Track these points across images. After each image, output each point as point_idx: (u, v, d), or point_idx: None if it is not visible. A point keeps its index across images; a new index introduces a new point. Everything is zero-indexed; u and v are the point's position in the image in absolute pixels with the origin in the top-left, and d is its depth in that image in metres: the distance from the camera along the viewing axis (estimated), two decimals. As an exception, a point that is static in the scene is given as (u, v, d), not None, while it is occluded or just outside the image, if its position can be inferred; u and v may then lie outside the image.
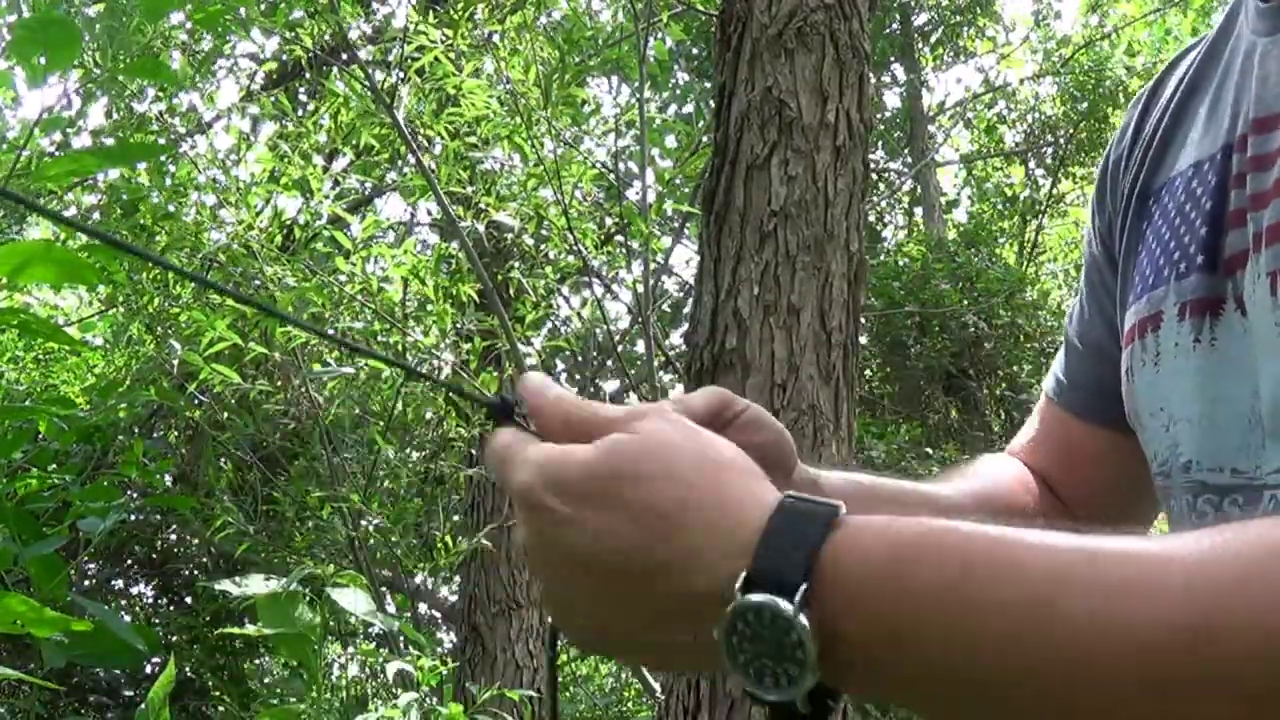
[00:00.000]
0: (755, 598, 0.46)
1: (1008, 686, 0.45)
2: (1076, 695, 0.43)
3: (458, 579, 6.25)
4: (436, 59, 4.26)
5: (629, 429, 0.54)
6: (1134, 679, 0.42)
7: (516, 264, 5.18)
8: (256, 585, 2.31)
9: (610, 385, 7.33)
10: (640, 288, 4.14)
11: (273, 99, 5.42)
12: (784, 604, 0.46)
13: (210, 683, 6.36)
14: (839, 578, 0.47)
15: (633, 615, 0.51)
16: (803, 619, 0.46)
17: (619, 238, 5.38)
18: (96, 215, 6.56)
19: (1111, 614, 0.42)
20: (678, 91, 10.01)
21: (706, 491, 0.50)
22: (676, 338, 7.72)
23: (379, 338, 4.82)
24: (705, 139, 4.55)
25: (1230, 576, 0.42)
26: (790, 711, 0.48)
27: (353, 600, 2.38)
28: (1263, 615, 0.40)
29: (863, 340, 7.32)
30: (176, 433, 6.07)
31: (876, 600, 0.46)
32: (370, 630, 5.65)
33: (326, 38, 4.81)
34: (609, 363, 6.50)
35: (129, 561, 6.74)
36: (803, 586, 0.46)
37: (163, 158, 5.42)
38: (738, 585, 0.47)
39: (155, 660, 5.50)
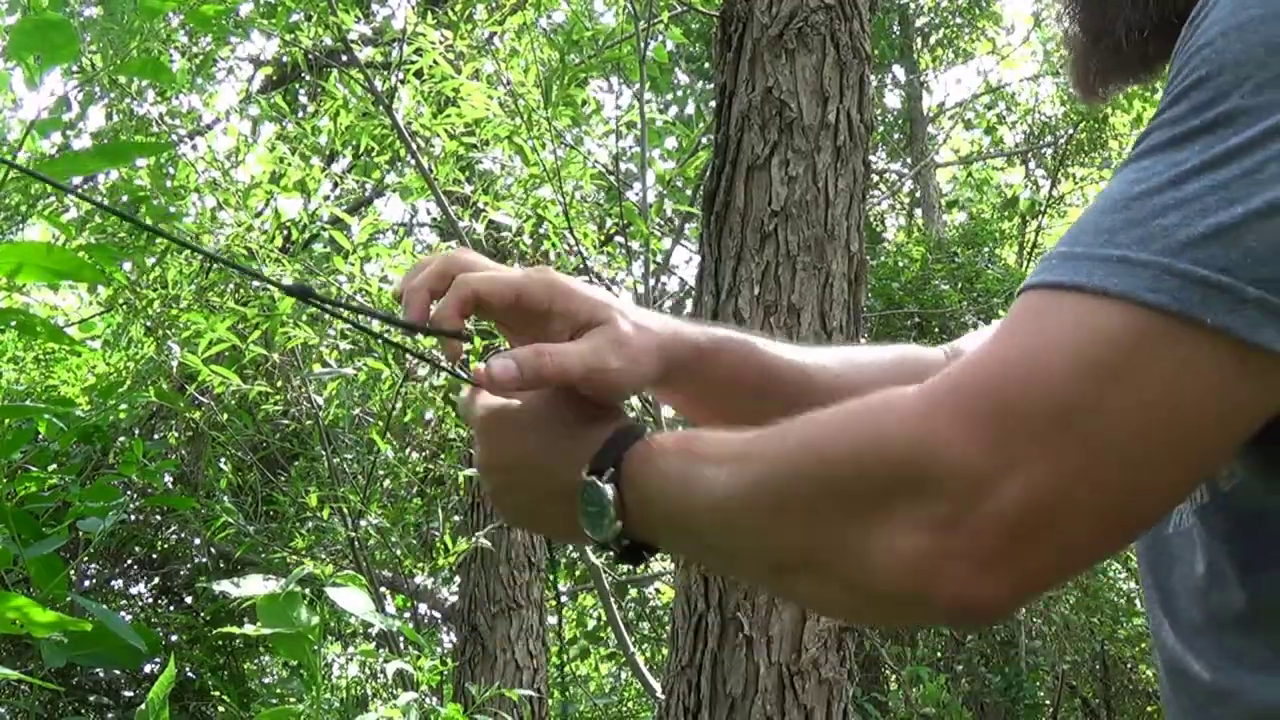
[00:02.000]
0: (589, 478, 0.79)
1: (698, 523, 0.75)
2: (705, 523, 0.74)
3: (458, 579, 6.26)
4: (435, 61, 4.26)
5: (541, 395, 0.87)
6: (707, 509, 0.73)
7: (516, 265, 5.17)
8: (255, 586, 2.30)
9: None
10: (640, 288, 4.14)
11: (269, 99, 5.42)
12: (599, 480, 0.78)
13: (210, 683, 6.36)
14: (629, 468, 0.79)
15: (536, 496, 0.86)
16: (608, 488, 0.78)
17: (619, 238, 5.38)
18: (97, 219, 6.56)
19: (699, 479, 0.74)
20: (677, 94, 10.01)
21: (580, 429, 0.84)
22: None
23: (379, 339, 4.82)
24: (705, 139, 4.55)
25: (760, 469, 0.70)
26: (609, 547, 0.81)
27: (352, 600, 2.37)
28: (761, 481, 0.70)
29: (863, 341, 7.30)
30: (176, 434, 6.07)
31: (641, 479, 0.78)
32: (370, 630, 5.65)
33: (326, 41, 4.81)
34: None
35: (129, 561, 6.74)
36: (609, 470, 0.79)
37: (163, 160, 5.41)
38: (584, 473, 0.80)
39: (155, 660, 5.50)
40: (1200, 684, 0.75)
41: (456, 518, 6.52)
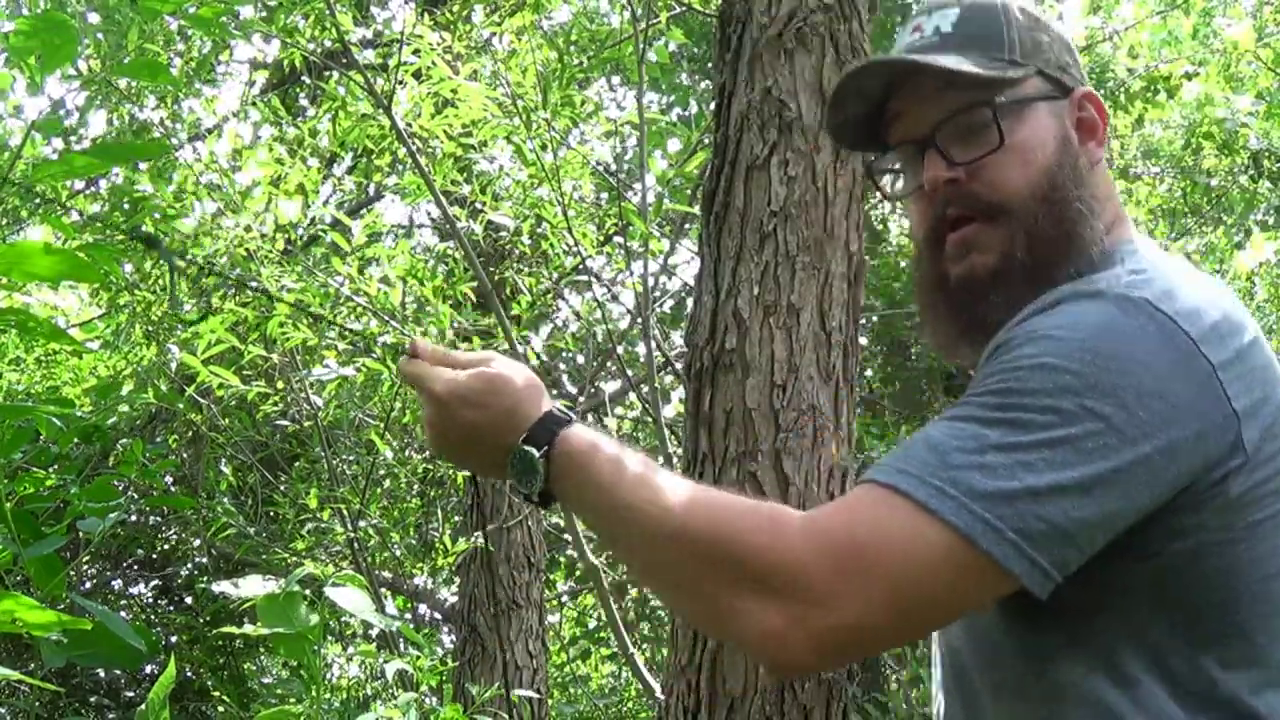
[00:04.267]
0: (524, 447, 1.13)
1: (612, 521, 1.09)
2: (627, 534, 1.09)
3: (457, 580, 6.26)
4: (433, 62, 4.26)
5: (488, 364, 1.18)
6: (640, 532, 1.07)
7: (516, 264, 5.18)
8: (255, 586, 2.30)
9: (611, 386, 7.32)
10: (640, 288, 4.14)
11: (266, 100, 5.42)
12: (534, 450, 1.12)
13: (210, 683, 6.36)
14: (560, 450, 1.12)
15: (470, 450, 1.19)
16: (540, 460, 1.12)
17: (618, 239, 5.38)
18: (98, 223, 6.55)
19: (658, 516, 1.05)
20: (676, 96, 10.01)
21: (517, 401, 1.16)
22: (678, 338, 7.72)
23: (379, 340, 4.81)
24: (706, 139, 4.55)
25: (699, 517, 1.05)
26: (530, 498, 1.14)
27: (352, 600, 2.37)
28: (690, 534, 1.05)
29: (863, 340, 7.29)
30: (176, 436, 6.07)
31: (574, 469, 1.11)
32: (370, 631, 5.65)
33: (326, 43, 4.81)
34: (609, 364, 6.50)
35: (129, 562, 6.74)
36: (545, 448, 1.12)
37: (162, 164, 5.41)
38: (520, 440, 1.13)
39: (156, 660, 5.50)
40: None
41: (456, 518, 6.52)
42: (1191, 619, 1.03)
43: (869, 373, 8.26)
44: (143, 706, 1.91)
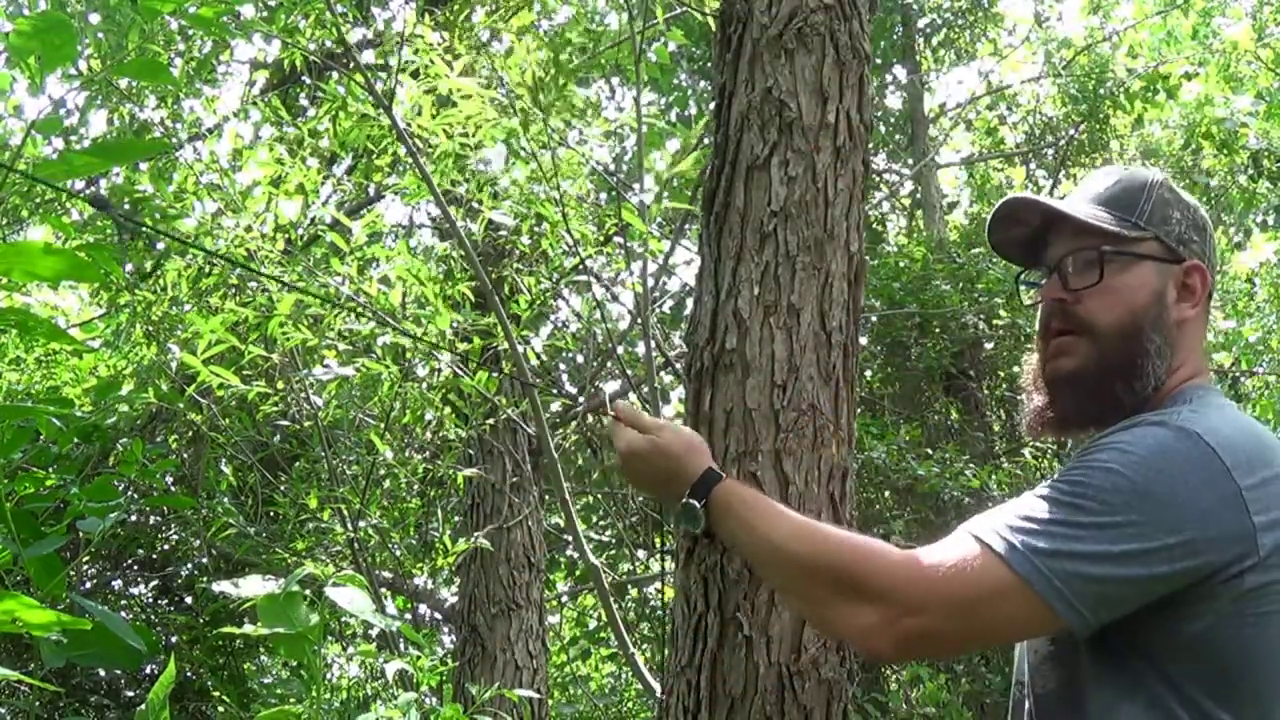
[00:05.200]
0: (689, 500, 1.69)
1: (758, 549, 1.60)
2: (768, 561, 1.59)
3: (457, 580, 6.25)
4: (431, 61, 4.26)
5: (660, 433, 1.75)
6: (778, 561, 1.57)
7: (516, 264, 5.17)
8: (255, 586, 2.30)
9: (610, 386, 7.32)
10: (639, 288, 4.14)
11: (266, 100, 5.42)
12: (696, 503, 1.68)
13: (210, 683, 6.35)
14: (716, 501, 1.67)
15: (654, 490, 1.78)
16: (701, 511, 1.67)
17: (618, 238, 5.37)
18: (99, 221, 6.54)
19: (778, 542, 1.56)
20: (676, 96, 10.00)
21: (680, 463, 1.72)
22: (678, 338, 7.72)
23: (379, 340, 4.81)
24: (706, 140, 4.54)
25: (825, 548, 1.51)
26: (694, 533, 1.73)
27: (352, 600, 2.37)
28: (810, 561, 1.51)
29: (863, 340, 7.28)
30: (177, 436, 6.06)
31: (726, 513, 1.65)
32: (370, 631, 5.65)
33: (327, 43, 4.81)
34: (609, 364, 6.50)
35: (129, 562, 6.74)
36: (704, 501, 1.68)
37: (162, 164, 5.41)
38: (686, 494, 1.69)
39: (156, 660, 5.49)
40: None
41: (456, 518, 6.52)
42: (1215, 680, 1.34)
43: (869, 373, 8.25)
44: (143, 706, 1.91)
